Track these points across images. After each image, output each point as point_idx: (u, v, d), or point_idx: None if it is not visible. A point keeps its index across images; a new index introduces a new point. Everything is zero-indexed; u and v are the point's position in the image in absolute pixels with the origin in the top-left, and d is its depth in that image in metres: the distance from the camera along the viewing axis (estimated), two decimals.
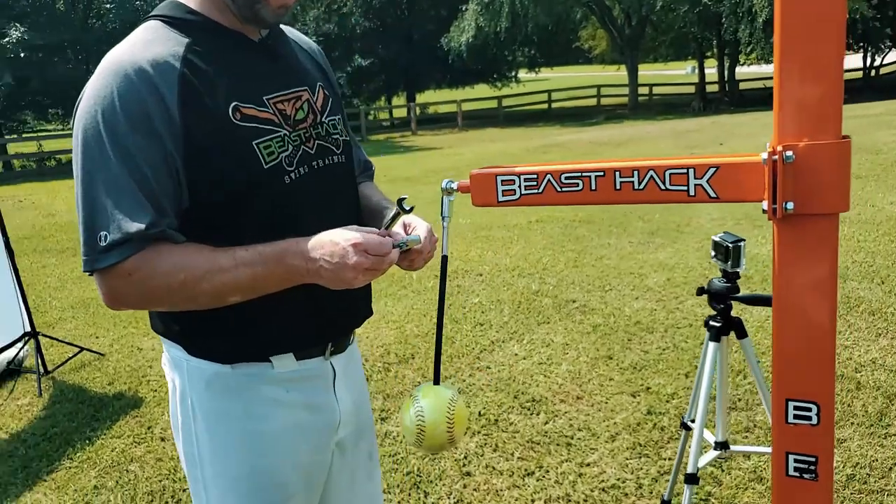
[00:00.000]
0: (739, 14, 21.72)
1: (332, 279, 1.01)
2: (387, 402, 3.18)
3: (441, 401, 1.09)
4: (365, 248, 0.99)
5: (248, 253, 1.02)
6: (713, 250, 1.55)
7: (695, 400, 1.79)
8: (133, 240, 0.99)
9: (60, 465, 2.92)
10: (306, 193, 1.15)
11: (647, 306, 4.12)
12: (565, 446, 2.71)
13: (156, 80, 1.01)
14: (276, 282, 1.04)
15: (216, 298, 1.04)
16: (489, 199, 0.98)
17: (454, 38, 26.16)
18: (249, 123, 1.08)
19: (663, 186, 0.85)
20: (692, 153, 11.34)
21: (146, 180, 1.00)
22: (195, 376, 1.18)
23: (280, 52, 1.19)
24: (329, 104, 1.24)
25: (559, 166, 0.91)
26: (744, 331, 1.66)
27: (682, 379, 3.17)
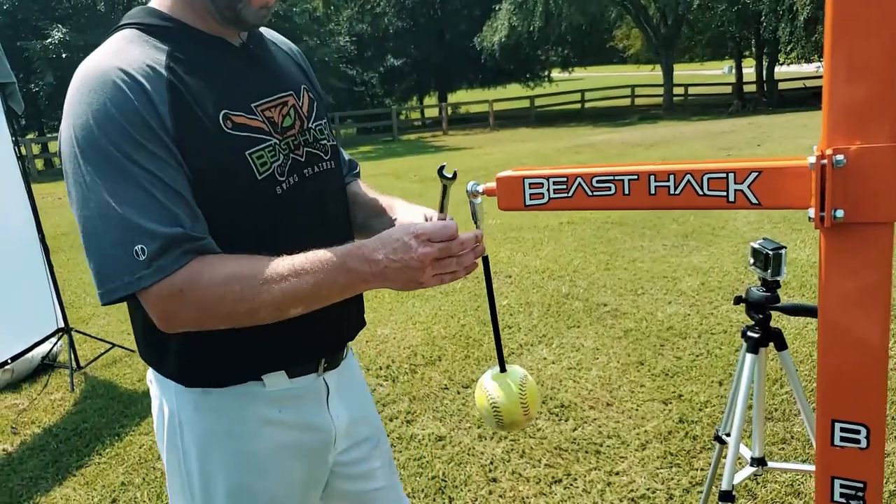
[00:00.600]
0: (780, 12, 21.26)
1: (401, 278, 0.93)
2: (413, 405, 3.15)
3: (511, 386, 1.10)
4: (428, 236, 0.92)
5: (306, 260, 0.95)
6: (752, 257, 1.48)
7: (730, 413, 1.72)
8: (175, 247, 0.92)
9: (90, 461, 2.94)
10: (298, 203, 1.10)
11: (680, 311, 4.03)
12: (594, 454, 2.65)
13: (147, 89, 0.95)
14: (339, 290, 0.96)
15: (277, 310, 0.96)
16: (516, 203, 0.94)
17: (487, 37, 26.09)
18: (241, 132, 1.03)
19: (701, 192, 0.80)
20: (728, 155, 11.11)
21: (167, 187, 0.94)
22: (184, 397, 1.13)
23: (262, 57, 1.14)
24: (315, 108, 1.19)
25: (590, 169, 0.87)
26: (784, 342, 1.58)
27: (715, 387, 3.08)
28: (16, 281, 3.82)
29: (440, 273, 0.95)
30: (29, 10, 21.81)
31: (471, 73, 30.77)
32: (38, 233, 3.94)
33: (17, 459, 3.03)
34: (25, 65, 20.73)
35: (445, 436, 2.86)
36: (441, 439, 2.84)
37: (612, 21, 29.24)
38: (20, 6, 21.73)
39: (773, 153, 10.61)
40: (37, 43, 20.60)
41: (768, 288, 1.49)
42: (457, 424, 2.95)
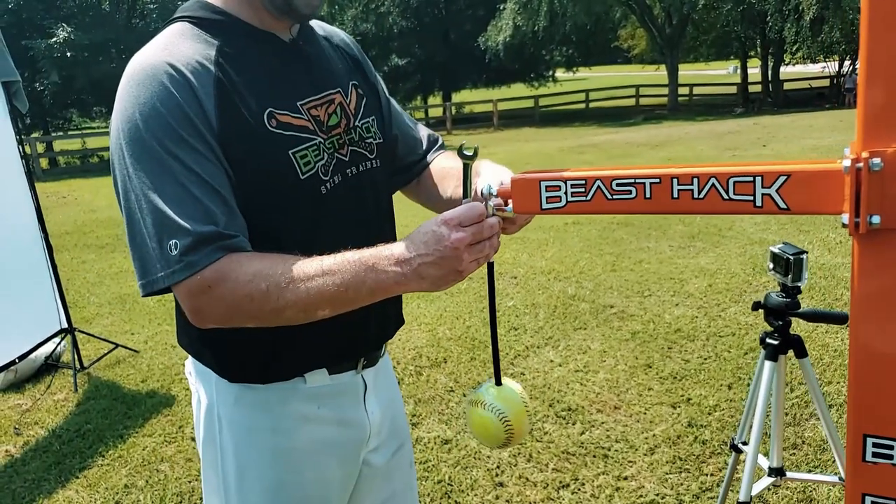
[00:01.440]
0: (785, 12, 21.20)
1: (438, 273, 0.88)
2: (418, 407, 3.12)
3: (514, 397, 1.06)
4: (458, 220, 0.87)
5: (335, 261, 0.92)
6: (771, 262, 1.44)
7: (746, 421, 1.68)
8: (207, 243, 0.91)
9: (93, 463, 2.92)
10: (341, 203, 1.09)
11: (687, 313, 3.99)
12: (602, 458, 2.62)
13: (194, 85, 0.95)
14: (368, 292, 0.92)
15: (304, 311, 0.93)
16: (531, 207, 0.90)
17: (491, 37, 26.05)
18: (285, 131, 1.02)
19: (726, 196, 0.76)
20: (733, 155, 11.06)
21: (205, 183, 0.93)
22: (223, 390, 1.13)
23: (311, 54, 1.12)
24: (363, 105, 1.17)
25: (610, 171, 0.83)
26: (804, 350, 1.54)
27: (724, 390, 3.04)
28: (20, 281, 3.80)
29: (477, 257, 0.90)
30: (34, 10, 21.85)
31: (475, 72, 30.71)
32: (41, 233, 3.92)
33: (19, 461, 3.01)
34: (31, 64, 20.76)
35: (451, 439, 2.83)
36: (447, 442, 2.81)
37: (617, 21, 29.18)
38: (25, 5, 21.76)
39: (778, 154, 10.56)
40: (42, 42, 20.64)
41: (788, 294, 1.44)
42: (463, 427, 2.91)
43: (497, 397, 1.04)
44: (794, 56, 24.44)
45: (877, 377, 0.73)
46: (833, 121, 14.89)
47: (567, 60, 32.77)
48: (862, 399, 0.75)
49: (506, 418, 1.03)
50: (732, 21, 23.82)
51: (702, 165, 0.78)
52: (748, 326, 3.69)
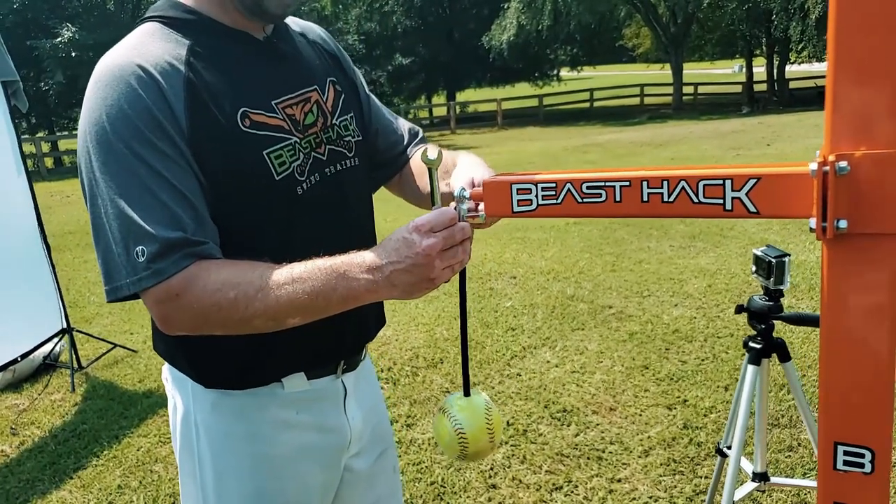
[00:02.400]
0: (791, 10, 21.11)
1: (410, 280, 0.87)
2: (413, 408, 3.11)
3: (477, 410, 1.04)
4: (428, 226, 0.86)
5: (305, 268, 0.91)
6: (754, 265, 1.43)
7: (731, 425, 1.66)
8: (174, 250, 0.89)
9: (87, 463, 2.92)
10: (319, 204, 1.07)
11: (686, 314, 3.97)
12: (596, 460, 2.61)
13: (163, 86, 0.93)
14: (339, 300, 0.90)
15: (273, 320, 0.92)
16: (503, 210, 0.89)
17: (495, 36, 26.02)
18: (259, 131, 1.00)
19: (696, 199, 0.75)
20: (737, 155, 11.02)
21: (173, 188, 0.91)
22: (200, 396, 1.12)
23: (286, 51, 1.11)
24: (341, 102, 1.16)
25: (580, 174, 0.82)
26: (787, 354, 1.53)
27: (720, 392, 3.03)
28: (20, 281, 3.81)
29: (450, 264, 0.89)
30: (39, 10, 21.93)
31: (479, 71, 30.67)
32: (40, 234, 3.93)
33: (15, 461, 3.01)
34: (36, 63, 20.84)
35: None
36: None
37: (622, 20, 29.11)
38: (30, 5, 21.84)
39: (782, 153, 10.51)
40: (46, 42, 20.70)
41: (771, 297, 1.43)
42: None
43: (460, 409, 1.03)
44: (799, 55, 24.33)
45: (847, 385, 0.72)
46: None
47: (571, 59, 32.70)
48: (832, 406, 0.74)
49: (462, 432, 1.01)
50: (737, 20, 23.75)
51: (673, 168, 0.77)
52: (747, 328, 3.66)
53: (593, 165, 11.51)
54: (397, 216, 7.18)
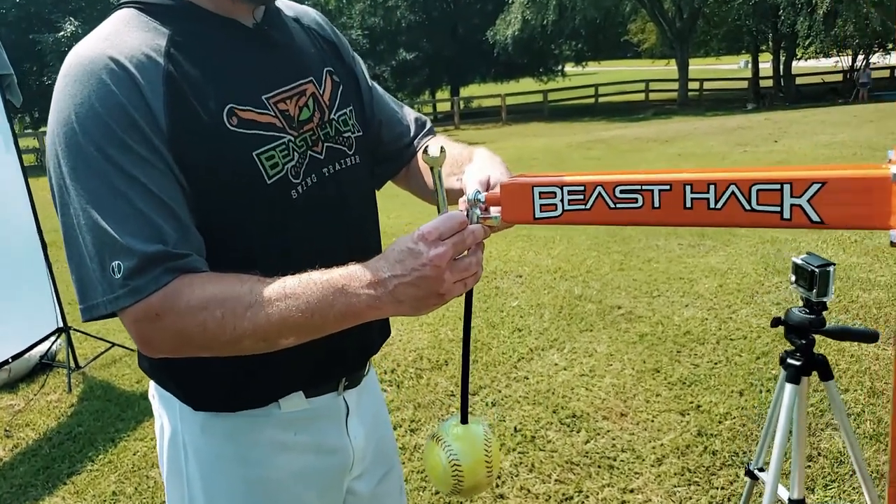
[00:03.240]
0: (798, 5, 20.94)
1: (416, 295, 0.78)
2: (418, 412, 3.02)
3: (476, 441, 0.94)
4: (436, 234, 0.77)
5: (298, 282, 0.81)
6: (793, 274, 1.31)
7: (764, 446, 1.55)
8: (154, 265, 0.80)
9: (82, 468, 2.84)
10: (317, 208, 0.97)
11: (697, 315, 3.87)
12: (607, 469, 2.51)
13: (139, 81, 0.83)
14: (337, 318, 0.81)
15: (264, 341, 0.82)
16: (523, 215, 0.80)
17: (500, 31, 25.89)
18: (248, 130, 0.90)
19: (748, 206, 0.65)
20: (744, 151, 10.88)
21: (151, 195, 0.82)
22: (189, 418, 1.02)
23: (278, 40, 1.00)
24: (339, 94, 1.05)
25: (613, 176, 0.72)
26: (829, 371, 1.41)
27: (735, 397, 2.93)
28: (16, 278, 3.73)
29: (463, 277, 0.79)
30: (42, 4, 21.86)
31: (483, 66, 30.56)
32: (37, 232, 3.84)
33: (8, 465, 2.93)
34: (38, 58, 20.77)
35: None
36: None
37: (627, 15, 28.95)
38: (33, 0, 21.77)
39: (790, 149, 10.38)
40: (49, 36, 20.64)
41: (812, 310, 1.31)
42: None
43: (456, 437, 0.93)
44: (806, 50, 24.14)
45: None
46: (846, 116, 14.65)
47: (576, 55, 32.57)
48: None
49: (457, 464, 0.91)
50: (744, 15, 23.56)
51: (720, 170, 0.67)
52: (760, 329, 3.57)
53: (598, 162, 11.39)
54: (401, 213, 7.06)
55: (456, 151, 1.10)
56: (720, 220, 0.68)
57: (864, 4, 19.38)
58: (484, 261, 0.85)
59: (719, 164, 9.73)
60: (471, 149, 1.08)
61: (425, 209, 1.12)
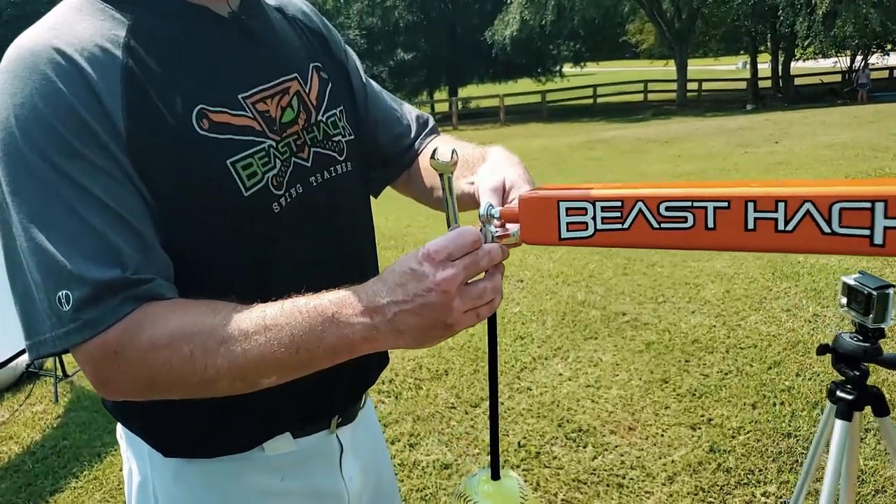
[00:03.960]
0: (797, 6, 20.87)
1: (421, 327, 0.66)
2: (417, 426, 2.90)
3: (510, 501, 0.81)
4: (445, 252, 0.64)
5: (281, 310, 0.69)
6: (844, 296, 1.18)
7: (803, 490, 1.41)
8: (110, 294, 0.68)
9: (66, 485, 2.71)
10: (304, 222, 0.85)
11: (704, 322, 3.75)
12: (616, 487, 2.39)
13: (91, 77, 0.70)
14: (327, 352, 0.69)
15: (241, 380, 0.70)
16: (546, 235, 0.67)
17: (498, 31, 25.81)
18: (221, 134, 0.77)
19: (828, 229, 0.54)
20: (745, 152, 10.79)
21: (107, 210, 0.69)
22: (160, 464, 0.89)
23: (258, 31, 0.86)
24: (327, 92, 0.93)
25: (657, 190, 0.60)
26: (885, 406, 1.26)
27: (748, 410, 2.81)
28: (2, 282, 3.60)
29: (475, 306, 0.67)
30: (38, 2, 21.73)
31: (482, 67, 30.47)
32: None
33: None
34: None
35: (451, 463, 2.61)
36: (447, 467, 2.59)
37: (625, 15, 28.89)
38: None
39: (791, 150, 10.28)
40: None
41: (867, 337, 1.18)
42: (464, 450, 2.69)
43: (487, 495, 0.80)
44: (805, 51, 24.08)
45: None
46: (846, 117, 14.57)
47: (574, 55, 32.49)
48: None
49: None
50: (743, 15, 23.49)
51: (790, 183, 0.56)
52: (770, 338, 3.46)
53: (600, 163, 11.28)
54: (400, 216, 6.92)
55: (467, 151, 0.97)
56: (791, 245, 0.56)
57: (864, 5, 19.31)
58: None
59: (721, 166, 9.63)
60: (483, 148, 0.96)
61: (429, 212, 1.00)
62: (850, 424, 1.20)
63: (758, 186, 0.56)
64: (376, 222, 1.06)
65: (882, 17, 19.43)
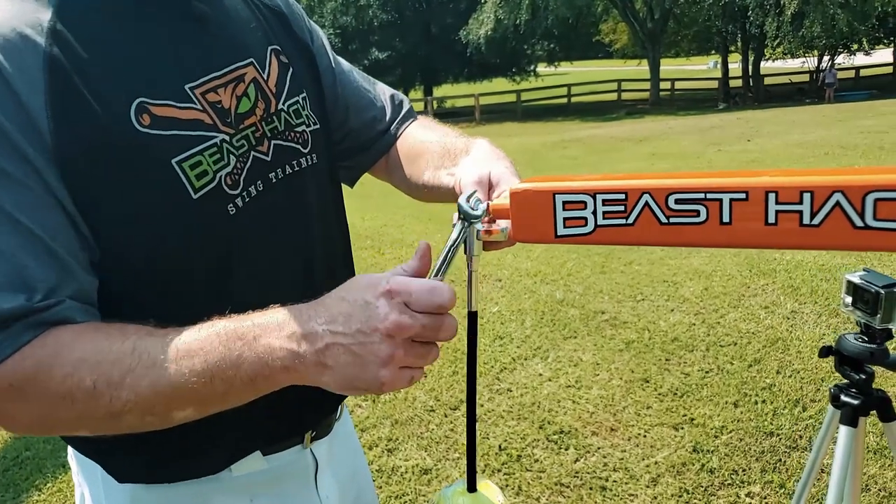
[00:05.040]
0: (766, 7, 21.17)
1: (350, 369, 0.58)
2: (395, 430, 2.83)
3: None
4: (410, 296, 0.57)
5: (198, 334, 0.62)
6: (849, 295, 1.13)
7: (804, 493, 1.35)
8: (12, 321, 0.60)
9: (28, 498, 2.59)
10: (264, 222, 0.77)
11: (684, 320, 3.73)
12: (599, 490, 2.35)
13: (6, 70, 0.61)
14: (245, 382, 0.61)
15: (151, 414, 0.63)
16: (541, 233, 0.61)
17: (473, 30, 25.79)
18: (165, 131, 0.68)
19: (861, 222, 0.48)
20: (718, 150, 10.88)
21: (16, 226, 0.61)
22: (114, 490, 0.81)
23: (207, 12, 0.77)
24: (288, 78, 0.84)
25: (665, 181, 0.54)
26: (892, 411, 1.21)
27: (730, 409, 2.78)
28: None
29: (416, 366, 0.60)
30: None
31: (456, 66, 30.43)
32: None
33: None
34: None
35: (431, 468, 2.54)
36: (426, 472, 2.52)
37: (599, 15, 29.06)
38: None
39: (763, 149, 10.39)
40: None
41: (872, 339, 1.13)
42: (444, 454, 2.62)
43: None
44: (774, 51, 24.44)
45: None
46: (815, 116, 14.79)
47: (548, 55, 32.61)
48: None
49: None
50: (714, 15, 23.81)
51: (815, 172, 0.50)
52: (750, 335, 3.44)
53: (575, 161, 11.30)
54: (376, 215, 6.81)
55: (449, 140, 0.90)
56: (817, 241, 0.50)
57: (831, 6, 19.65)
58: (463, 264, 0.65)
59: (695, 164, 9.69)
60: (468, 139, 0.89)
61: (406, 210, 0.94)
62: (856, 431, 1.16)
63: (780, 175, 0.50)
64: (351, 221, 0.99)
65: (849, 18, 19.80)
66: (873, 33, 24.72)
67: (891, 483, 2.23)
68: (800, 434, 2.56)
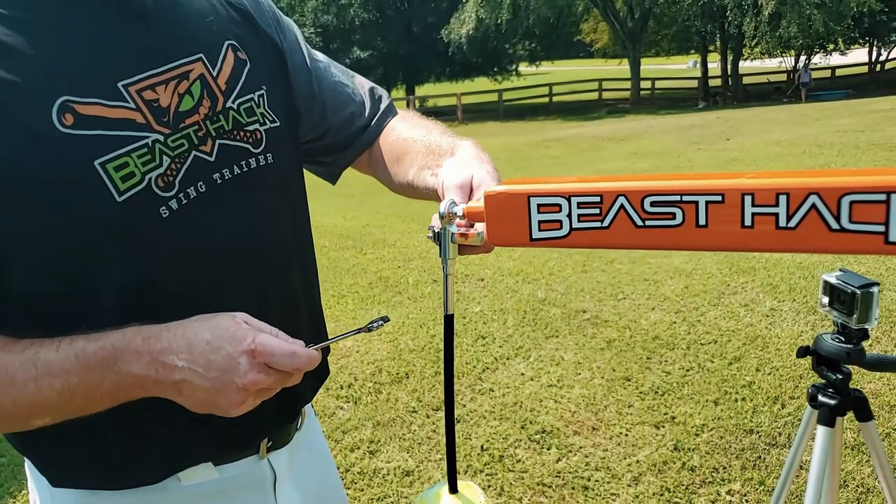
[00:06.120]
0: (744, 7, 21.38)
1: (200, 401, 0.64)
2: (377, 432, 2.81)
3: None
4: (271, 359, 0.64)
5: (57, 355, 0.63)
6: (825, 295, 1.13)
7: (783, 492, 1.36)
8: None
9: None
10: (208, 226, 0.74)
11: (665, 318, 3.75)
12: (581, 490, 2.35)
13: None
14: (106, 398, 0.65)
15: (12, 422, 0.68)
16: (515, 236, 0.60)
17: (454, 30, 25.79)
18: (89, 131, 0.65)
19: (836, 225, 0.47)
20: (698, 149, 10.96)
21: None
22: (61, 497, 0.79)
23: (149, 5, 0.72)
24: (244, 75, 0.80)
25: (639, 184, 0.53)
26: (868, 411, 1.21)
27: (710, 407, 2.80)
28: None
29: (256, 399, 0.67)
30: None
31: (438, 65, 30.44)
32: None
33: None
34: None
35: (413, 470, 2.52)
36: (409, 474, 2.50)
37: (580, 14, 29.20)
38: None
39: (742, 147, 10.49)
40: None
41: (849, 338, 1.13)
42: (426, 455, 2.61)
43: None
44: (752, 51, 24.70)
45: None
46: (793, 115, 14.96)
47: (530, 54, 32.72)
48: None
49: None
50: (693, 15, 23.97)
51: (791, 174, 0.49)
52: (730, 333, 3.47)
53: (556, 161, 11.33)
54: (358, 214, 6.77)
55: (434, 139, 0.88)
56: (793, 245, 0.49)
57: (808, 6, 19.89)
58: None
59: (676, 163, 9.75)
60: (454, 139, 0.87)
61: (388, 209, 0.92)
62: (833, 430, 1.16)
63: (756, 178, 0.50)
64: (333, 221, 0.98)
65: (825, 18, 20.05)
66: (849, 33, 25.04)
67: (868, 479, 2.25)
68: (779, 431, 2.58)
